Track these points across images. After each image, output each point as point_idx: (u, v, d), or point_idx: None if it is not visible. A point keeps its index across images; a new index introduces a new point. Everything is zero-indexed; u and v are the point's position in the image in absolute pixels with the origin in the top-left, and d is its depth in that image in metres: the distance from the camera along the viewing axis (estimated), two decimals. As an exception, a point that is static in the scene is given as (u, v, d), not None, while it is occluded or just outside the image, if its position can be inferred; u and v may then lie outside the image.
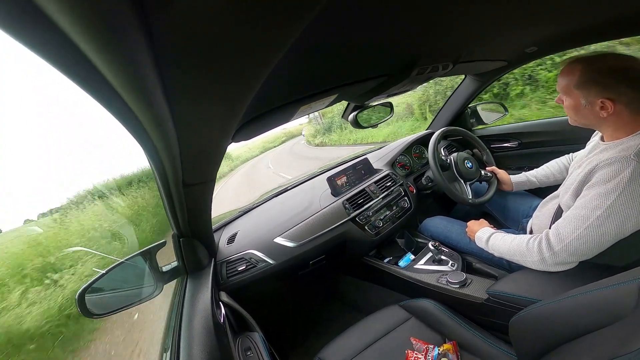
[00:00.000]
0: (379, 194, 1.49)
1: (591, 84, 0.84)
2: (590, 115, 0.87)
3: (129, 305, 0.87)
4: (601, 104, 0.83)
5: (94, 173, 5.38)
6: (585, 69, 0.85)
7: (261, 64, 0.36)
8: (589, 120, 0.90)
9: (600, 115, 0.85)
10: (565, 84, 0.90)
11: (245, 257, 1.23)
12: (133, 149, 1.47)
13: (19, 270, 3.19)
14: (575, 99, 0.89)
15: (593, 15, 0.91)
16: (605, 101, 0.82)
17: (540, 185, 1.40)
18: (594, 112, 0.86)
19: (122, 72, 0.27)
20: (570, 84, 0.88)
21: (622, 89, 0.81)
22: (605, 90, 0.82)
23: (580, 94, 0.87)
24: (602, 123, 0.88)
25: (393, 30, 0.62)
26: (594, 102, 0.85)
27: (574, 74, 0.87)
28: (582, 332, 0.61)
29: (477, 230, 1.17)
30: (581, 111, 0.89)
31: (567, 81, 0.89)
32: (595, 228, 0.81)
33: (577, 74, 0.86)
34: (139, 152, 0.52)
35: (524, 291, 0.93)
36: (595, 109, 0.85)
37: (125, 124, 0.38)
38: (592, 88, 0.84)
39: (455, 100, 1.86)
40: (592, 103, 0.85)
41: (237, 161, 23.40)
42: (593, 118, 0.88)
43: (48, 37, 0.21)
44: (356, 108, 1.21)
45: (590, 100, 0.85)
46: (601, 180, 0.82)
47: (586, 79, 0.85)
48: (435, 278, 1.19)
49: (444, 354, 0.93)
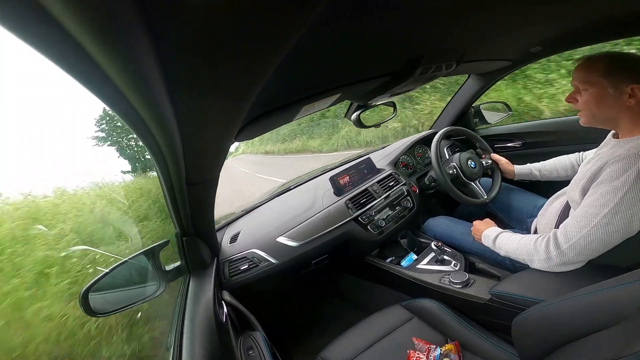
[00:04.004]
0: (382, 194, 1.49)
1: (621, 70, 0.84)
2: (615, 104, 0.86)
3: (133, 304, 0.87)
4: (630, 91, 0.82)
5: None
6: (612, 58, 0.85)
7: (266, 61, 0.36)
8: (611, 111, 0.87)
9: (627, 103, 0.84)
10: (590, 75, 0.88)
11: (247, 257, 1.23)
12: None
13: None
14: (601, 88, 0.86)
15: (598, 14, 0.90)
16: (635, 87, 0.82)
17: (542, 179, 1.40)
18: (620, 101, 0.84)
19: (126, 71, 0.27)
20: (596, 74, 0.87)
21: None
22: (635, 75, 0.82)
23: (608, 82, 0.85)
24: (623, 115, 0.86)
25: (397, 29, 0.62)
26: (622, 89, 0.83)
27: (599, 64, 0.86)
28: (585, 332, 0.61)
29: (484, 230, 1.17)
30: (605, 101, 0.87)
31: (590, 72, 0.88)
32: (602, 226, 0.81)
33: (603, 63, 0.86)
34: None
35: (526, 291, 0.93)
36: (623, 97, 0.84)
37: (129, 123, 0.38)
38: (623, 74, 0.83)
39: (458, 99, 1.85)
40: (620, 90, 0.84)
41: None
42: (616, 108, 0.86)
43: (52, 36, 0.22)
44: (359, 107, 1.20)
45: (618, 88, 0.84)
46: (609, 177, 0.81)
47: (615, 66, 0.84)
48: (437, 278, 1.19)
49: (446, 354, 0.93)
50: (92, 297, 0.78)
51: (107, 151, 5.33)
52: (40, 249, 2.09)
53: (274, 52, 0.35)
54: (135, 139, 6.63)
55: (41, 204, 2.55)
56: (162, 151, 0.50)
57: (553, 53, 1.37)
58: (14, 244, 2.04)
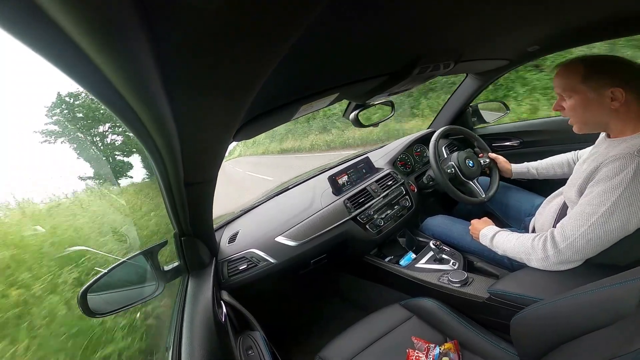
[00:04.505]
0: (380, 193, 1.49)
1: (599, 74, 0.84)
2: (599, 109, 0.86)
3: (131, 304, 0.87)
4: (611, 94, 0.82)
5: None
6: (591, 63, 0.85)
7: (265, 61, 0.36)
8: (598, 115, 0.88)
9: (611, 106, 0.84)
10: (569, 82, 0.88)
11: (246, 256, 1.23)
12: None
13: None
14: (582, 95, 0.87)
15: (596, 14, 0.91)
16: (615, 90, 0.82)
17: (539, 177, 1.41)
18: (603, 105, 0.84)
19: (124, 72, 0.27)
20: (575, 80, 0.87)
21: (632, 78, 0.81)
22: (614, 78, 0.82)
23: (588, 88, 0.85)
24: (611, 117, 0.86)
25: (395, 29, 0.62)
26: (603, 93, 0.83)
27: (578, 71, 0.86)
28: (583, 331, 0.61)
29: (482, 229, 1.17)
30: (590, 107, 0.87)
31: (570, 79, 0.88)
32: (599, 225, 0.81)
33: (581, 69, 0.86)
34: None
35: (525, 290, 0.93)
36: (605, 101, 0.84)
37: (127, 123, 0.38)
38: (601, 78, 0.83)
39: (456, 99, 1.86)
40: (601, 95, 0.84)
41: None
42: (603, 112, 0.86)
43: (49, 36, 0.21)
44: (357, 107, 1.20)
45: (599, 92, 0.84)
46: (605, 177, 0.82)
47: (594, 71, 0.84)
48: (436, 277, 1.19)
49: (445, 353, 0.93)
50: (90, 298, 0.78)
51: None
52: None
53: (273, 53, 0.35)
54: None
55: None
56: (160, 151, 0.50)
57: (550, 52, 1.38)
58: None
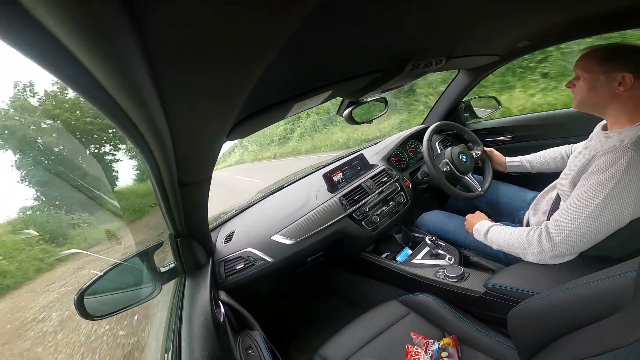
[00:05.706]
0: (376, 190, 1.49)
1: (617, 59, 0.86)
2: (604, 91, 0.88)
3: (128, 306, 0.87)
4: (621, 79, 0.84)
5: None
6: (611, 48, 0.88)
7: (256, 61, 0.36)
8: (600, 97, 0.90)
9: (616, 90, 0.86)
10: (588, 62, 0.91)
11: (243, 256, 1.23)
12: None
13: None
14: (594, 74, 0.89)
15: (584, 10, 0.92)
16: (625, 75, 0.84)
17: (533, 171, 1.42)
18: (609, 88, 0.87)
19: (113, 73, 0.26)
20: (593, 62, 0.89)
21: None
22: (629, 64, 0.84)
23: (601, 70, 0.87)
24: (612, 102, 0.88)
25: (386, 26, 0.62)
26: (613, 77, 0.85)
27: (598, 53, 0.89)
28: (580, 324, 0.61)
29: (476, 223, 1.18)
30: (596, 86, 0.89)
31: (590, 60, 0.90)
32: (594, 218, 0.82)
33: (602, 53, 0.88)
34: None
35: (521, 284, 0.94)
36: (612, 84, 0.86)
37: (118, 124, 0.38)
38: (617, 63, 0.85)
39: (449, 94, 1.87)
40: (611, 78, 0.86)
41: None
42: (606, 95, 0.88)
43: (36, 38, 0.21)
44: (351, 104, 1.21)
45: (610, 75, 0.86)
46: (598, 169, 0.83)
47: (612, 55, 0.87)
48: (433, 272, 1.20)
49: (444, 348, 0.94)
50: (87, 301, 0.77)
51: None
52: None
53: (265, 53, 0.35)
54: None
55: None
56: (153, 152, 0.50)
57: (540, 48, 1.39)
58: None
